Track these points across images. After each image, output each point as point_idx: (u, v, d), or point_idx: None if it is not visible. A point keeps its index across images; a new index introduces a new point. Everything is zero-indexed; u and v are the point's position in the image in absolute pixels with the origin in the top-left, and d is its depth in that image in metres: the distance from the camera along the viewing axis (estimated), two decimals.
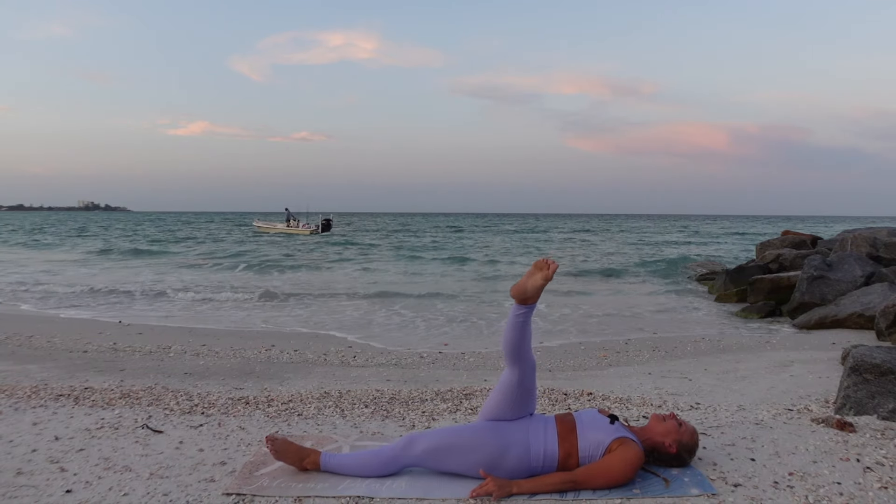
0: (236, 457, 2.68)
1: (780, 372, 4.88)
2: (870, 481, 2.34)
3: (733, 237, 41.47)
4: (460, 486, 2.33)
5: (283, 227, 41.91)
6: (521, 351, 2.46)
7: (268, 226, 44.58)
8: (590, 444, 2.38)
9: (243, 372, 5.10)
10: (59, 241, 34.36)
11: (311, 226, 41.27)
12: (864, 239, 11.12)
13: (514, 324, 2.46)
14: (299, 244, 31.80)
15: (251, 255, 23.66)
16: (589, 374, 5.32)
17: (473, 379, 4.86)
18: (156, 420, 3.22)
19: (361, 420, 3.33)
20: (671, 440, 2.45)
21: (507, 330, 2.48)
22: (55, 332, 7.20)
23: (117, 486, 2.35)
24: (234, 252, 25.63)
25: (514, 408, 2.48)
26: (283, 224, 42.32)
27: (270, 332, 8.27)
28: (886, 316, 6.40)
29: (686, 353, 6.45)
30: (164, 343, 6.60)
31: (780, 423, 3.09)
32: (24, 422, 3.16)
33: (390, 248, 29.53)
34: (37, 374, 4.64)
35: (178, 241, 34.98)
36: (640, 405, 3.71)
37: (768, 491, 2.27)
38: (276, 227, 42.82)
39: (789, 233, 15.71)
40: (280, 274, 17.41)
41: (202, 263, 20.76)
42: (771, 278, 10.40)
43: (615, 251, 27.04)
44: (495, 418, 2.49)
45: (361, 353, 6.32)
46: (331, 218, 43.74)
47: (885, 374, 3.18)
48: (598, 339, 7.78)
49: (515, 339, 2.45)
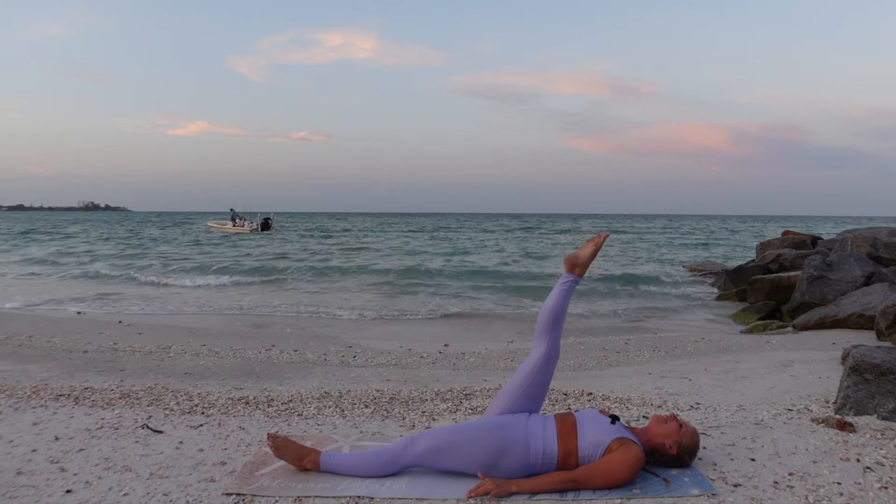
0: (236, 457, 2.68)
1: (780, 372, 4.87)
2: (870, 481, 2.34)
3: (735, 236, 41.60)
4: (460, 486, 2.33)
5: (230, 227, 44.13)
6: (556, 325, 2.58)
7: (219, 225, 46.65)
8: (590, 444, 2.38)
9: (243, 372, 5.10)
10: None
11: (253, 224, 43.46)
12: (864, 239, 11.12)
13: (560, 291, 2.62)
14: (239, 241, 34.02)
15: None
16: (589, 374, 5.32)
17: (473, 379, 4.86)
18: (156, 420, 3.22)
19: (361, 420, 3.33)
20: (672, 442, 2.45)
21: (550, 297, 2.62)
22: (55, 332, 7.20)
23: (117, 486, 2.35)
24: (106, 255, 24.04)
25: (525, 396, 2.54)
26: (230, 224, 44.62)
27: (271, 332, 8.27)
28: (886, 316, 6.40)
29: (686, 353, 6.45)
30: (164, 343, 6.60)
31: (780, 423, 3.09)
32: (24, 422, 3.16)
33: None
34: (37, 374, 4.64)
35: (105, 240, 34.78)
36: (640, 405, 3.71)
37: (768, 491, 2.27)
38: (225, 227, 45.02)
39: (789, 233, 15.72)
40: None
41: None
42: (771, 278, 10.40)
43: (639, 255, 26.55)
44: (504, 406, 2.54)
45: (361, 354, 6.31)
46: (270, 217, 45.97)
47: (885, 374, 3.18)
48: (598, 338, 7.78)
49: (556, 307, 2.59)
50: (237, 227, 43.38)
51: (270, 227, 44.27)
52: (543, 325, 2.60)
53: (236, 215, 45.18)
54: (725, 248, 30.44)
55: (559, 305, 2.60)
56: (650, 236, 42.73)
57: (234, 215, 45.29)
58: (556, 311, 2.59)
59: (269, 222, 44.54)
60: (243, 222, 43.63)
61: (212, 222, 49.60)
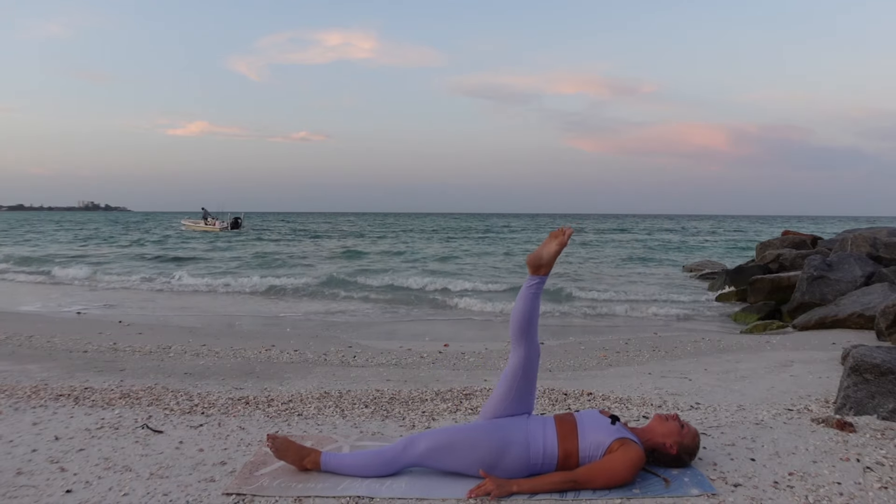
0: (236, 457, 2.68)
1: (780, 372, 4.87)
2: (870, 481, 2.34)
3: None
4: (460, 485, 2.33)
5: (202, 226, 45.89)
6: (530, 328, 2.51)
7: (192, 224, 48.26)
8: (590, 445, 2.38)
9: (243, 372, 5.10)
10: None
11: (223, 223, 45.24)
12: (864, 239, 11.12)
13: (526, 295, 2.52)
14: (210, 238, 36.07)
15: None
16: (589, 374, 5.32)
17: (473, 379, 4.85)
18: (156, 420, 3.22)
19: (361, 420, 3.33)
20: (672, 441, 2.45)
21: (518, 302, 2.54)
22: (55, 332, 7.20)
23: (117, 486, 2.35)
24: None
25: (514, 399, 2.50)
26: (203, 222, 46.41)
27: (271, 332, 8.27)
28: (886, 316, 6.40)
29: (686, 353, 6.45)
30: (164, 343, 6.60)
31: (780, 423, 3.09)
32: (24, 422, 3.15)
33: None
34: (37, 374, 4.63)
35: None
36: (641, 405, 3.71)
37: (768, 491, 2.27)
38: (197, 226, 46.73)
39: (789, 233, 15.72)
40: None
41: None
42: (771, 278, 10.40)
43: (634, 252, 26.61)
44: (495, 412, 2.51)
45: (361, 353, 6.31)
46: (240, 217, 47.76)
47: (885, 374, 3.18)
48: (598, 338, 7.78)
49: (526, 311, 2.50)
50: (208, 225, 45.25)
51: (240, 226, 46.20)
52: (516, 331, 2.51)
53: (208, 214, 47.14)
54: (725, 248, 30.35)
55: (529, 309, 2.50)
56: (659, 236, 42.72)
57: (205, 214, 47.24)
58: (527, 315, 2.50)
59: (239, 221, 46.51)
60: (214, 221, 45.47)
61: (185, 221, 51.24)
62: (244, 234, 42.49)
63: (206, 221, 45.97)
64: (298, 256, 24.44)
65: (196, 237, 37.89)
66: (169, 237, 38.09)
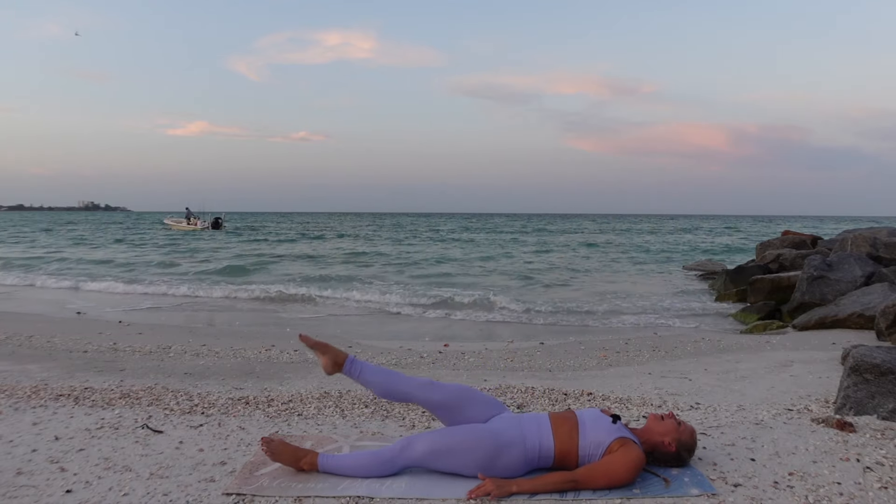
0: (236, 457, 2.68)
1: (780, 372, 4.87)
2: (870, 481, 2.34)
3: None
4: (460, 486, 2.33)
5: (185, 225, 46.53)
6: (406, 396, 2.54)
7: (174, 223, 48.98)
8: (590, 443, 2.38)
9: (243, 372, 5.10)
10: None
11: (204, 223, 45.96)
12: (864, 239, 11.12)
13: (366, 380, 2.55)
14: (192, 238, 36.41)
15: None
16: (589, 374, 5.32)
17: (473, 379, 4.85)
18: (156, 420, 3.22)
19: (361, 420, 3.33)
20: (670, 439, 2.45)
21: (371, 387, 2.56)
22: (55, 332, 7.20)
23: (117, 486, 2.35)
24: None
25: (471, 417, 2.53)
26: (185, 222, 47.00)
27: (271, 332, 8.27)
28: (886, 316, 6.40)
29: (686, 353, 6.45)
30: (164, 343, 6.60)
31: (780, 423, 3.09)
32: (24, 422, 3.16)
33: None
34: (37, 374, 4.63)
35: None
36: (640, 405, 3.71)
37: (768, 491, 2.27)
38: (180, 225, 47.43)
39: (789, 233, 15.71)
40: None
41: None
42: (771, 278, 10.39)
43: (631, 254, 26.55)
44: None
45: (361, 353, 6.31)
46: (221, 217, 48.36)
47: (885, 374, 3.18)
48: (598, 338, 7.78)
49: (379, 388, 2.54)
50: (191, 224, 45.94)
51: (221, 226, 46.94)
52: (400, 401, 2.60)
53: (191, 214, 47.80)
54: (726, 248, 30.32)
55: (380, 383, 2.54)
56: (659, 236, 42.67)
57: (188, 214, 47.90)
58: (388, 390, 2.54)
59: (220, 221, 47.26)
60: (196, 220, 46.15)
61: (169, 220, 51.85)
62: (223, 232, 43.68)
63: (188, 221, 46.69)
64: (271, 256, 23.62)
65: (177, 236, 38.53)
66: (151, 239, 36.81)
